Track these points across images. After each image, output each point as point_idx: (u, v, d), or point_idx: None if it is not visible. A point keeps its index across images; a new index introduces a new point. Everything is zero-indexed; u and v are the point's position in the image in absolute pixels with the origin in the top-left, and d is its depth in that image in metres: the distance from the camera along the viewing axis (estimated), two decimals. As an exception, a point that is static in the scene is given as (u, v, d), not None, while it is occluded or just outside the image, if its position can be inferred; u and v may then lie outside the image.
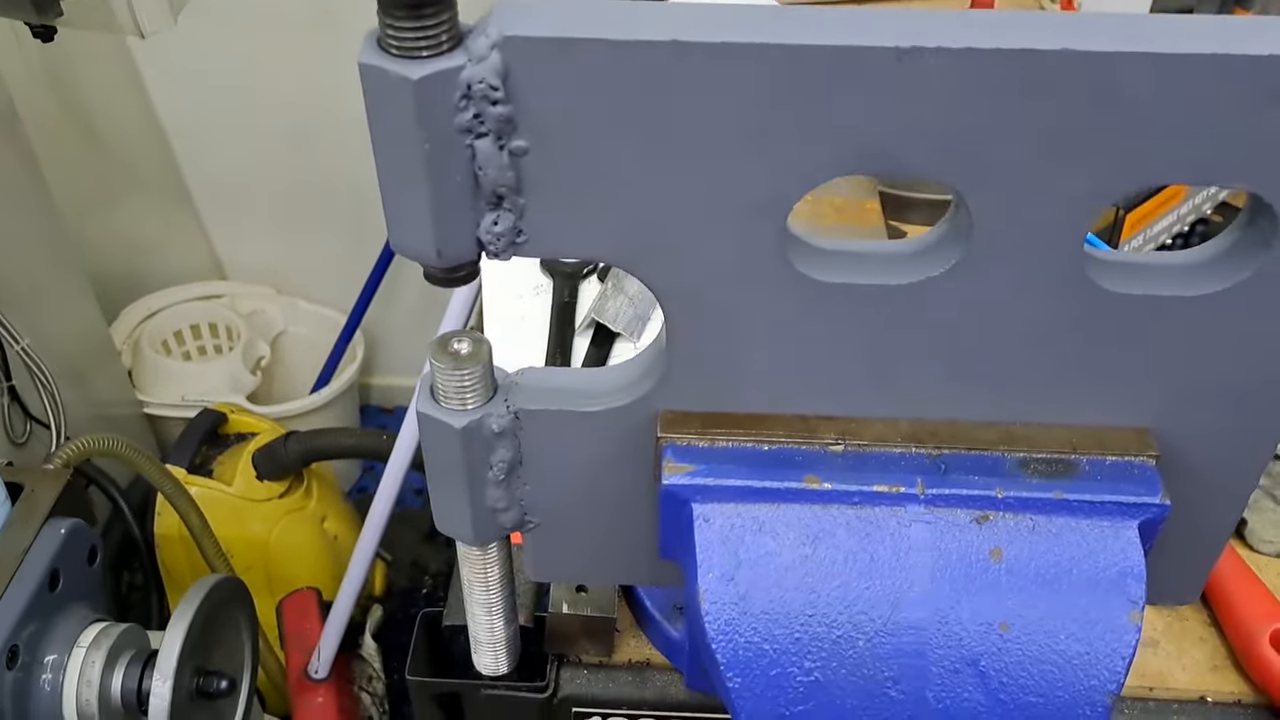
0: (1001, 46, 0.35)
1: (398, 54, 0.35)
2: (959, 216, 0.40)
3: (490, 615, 0.53)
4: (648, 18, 0.36)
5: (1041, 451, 0.45)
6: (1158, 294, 0.41)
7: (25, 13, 0.95)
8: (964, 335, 0.43)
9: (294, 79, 1.94)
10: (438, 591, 2.09)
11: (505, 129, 0.37)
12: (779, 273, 0.41)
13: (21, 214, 1.51)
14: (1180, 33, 0.35)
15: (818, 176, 0.38)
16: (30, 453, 1.46)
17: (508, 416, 0.46)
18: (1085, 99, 0.36)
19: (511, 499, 0.49)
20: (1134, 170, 0.38)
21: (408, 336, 2.35)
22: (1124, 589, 0.43)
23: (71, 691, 0.94)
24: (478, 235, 0.40)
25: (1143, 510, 0.44)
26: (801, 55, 0.35)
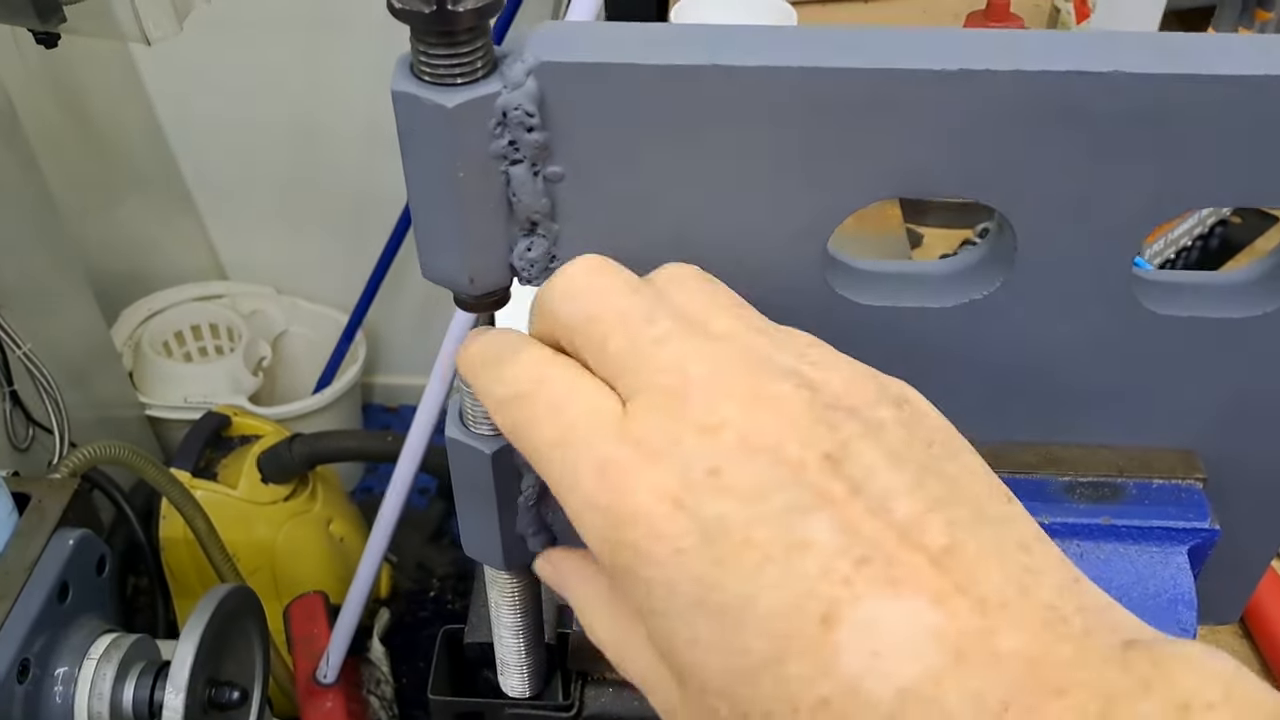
0: (1050, 69, 0.34)
1: (431, 81, 0.34)
2: (1002, 238, 0.39)
3: (518, 639, 0.52)
4: (685, 42, 0.35)
5: (1087, 475, 0.44)
6: (1205, 315, 0.40)
7: (28, 19, 0.93)
8: (1006, 357, 0.42)
9: (295, 79, 1.93)
10: (445, 594, 2.08)
11: (541, 155, 0.36)
12: (819, 296, 0.40)
13: (21, 216, 1.51)
14: (1227, 54, 0.34)
15: (860, 200, 0.37)
16: (33, 458, 1.45)
17: (537, 441, 0.45)
18: (1135, 120, 0.35)
19: (541, 524, 0.48)
20: (1183, 192, 0.37)
21: (410, 335, 2.35)
22: (1175, 616, 0.42)
23: (83, 704, 0.94)
24: (511, 261, 0.39)
25: (1192, 535, 0.43)
26: (844, 78, 0.34)
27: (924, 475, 0.29)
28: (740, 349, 0.32)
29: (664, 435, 0.30)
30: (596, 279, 0.35)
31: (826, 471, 0.29)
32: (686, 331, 0.32)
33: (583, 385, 0.33)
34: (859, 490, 0.29)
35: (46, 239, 1.58)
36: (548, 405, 0.33)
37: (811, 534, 0.28)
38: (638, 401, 0.31)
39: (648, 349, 0.32)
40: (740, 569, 0.28)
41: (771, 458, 0.29)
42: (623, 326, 0.33)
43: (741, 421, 0.30)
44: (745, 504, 0.28)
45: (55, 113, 1.91)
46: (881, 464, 0.29)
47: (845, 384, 0.31)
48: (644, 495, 0.30)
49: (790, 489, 0.29)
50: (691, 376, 0.31)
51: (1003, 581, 0.28)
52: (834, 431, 0.30)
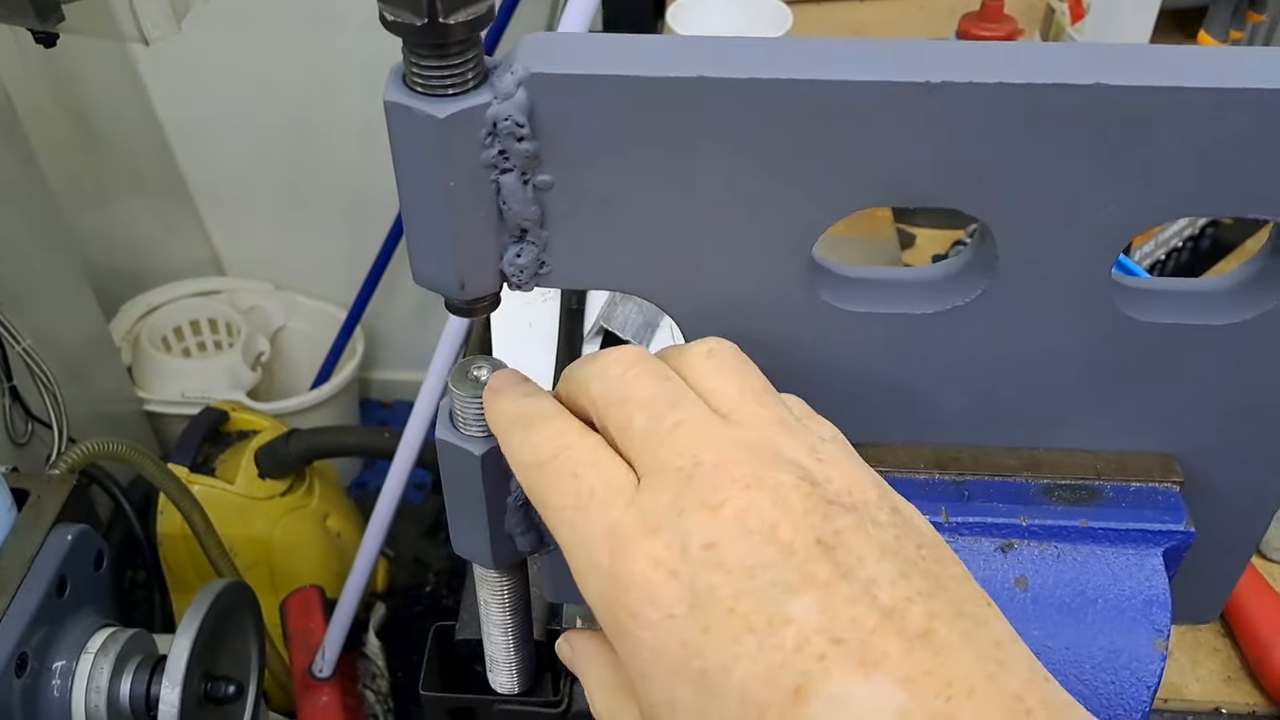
0: (1032, 81, 0.34)
1: (423, 92, 0.35)
2: (984, 246, 0.40)
3: (507, 636, 0.53)
4: (673, 53, 0.35)
5: (1066, 478, 0.45)
6: (1183, 322, 0.41)
7: (27, 19, 0.94)
8: (988, 362, 0.43)
9: (294, 77, 1.94)
10: (440, 589, 2.09)
11: (530, 164, 0.37)
12: (804, 302, 0.41)
13: (21, 212, 1.51)
14: (1208, 67, 0.35)
15: (844, 209, 0.38)
16: (32, 453, 1.46)
17: (527, 442, 0.45)
18: (1114, 132, 0.35)
19: (529, 524, 0.48)
20: (1161, 202, 0.37)
21: (408, 332, 2.35)
22: (1149, 618, 0.43)
23: (80, 698, 0.94)
24: (501, 267, 0.40)
25: (1167, 538, 0.44)
26: (827, 90, 0.35)
27: (910, 570, 0.31)
28: (754, 438, 0.34)
29: (668, 509, 0.32)
30: (631, 368, 0.37)
31: (816, 556, 0.31)
32: (705, 420, 0.34)
33: (602, 458, 0.35)
34: (846, 575, 0.30)
35: (46, 235, 1.58)
36: (569, 472, 0.35)
37: (793, 611, 0.30)
38: (650, 479, 0.33)
39: (667, 432, 0.34)
40: (722, 637, 0.30)
41: (765, 538, 0.31)
42: (647, 410, 0.35)
43: (741, 502, 0.31)
44: (735, 578, 0.30)
45: (54, 109, 1.91)
46: (871, 555, 0.31)
47: (848, 482, 0.33)
48: (643, 562, 0.31)
49: (779, 568, 0.30)
50: (702, 460, 0.33)
51: (973, 669, 0.29)
52: (828, 521, 0.31)
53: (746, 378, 0.37)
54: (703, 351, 0.37)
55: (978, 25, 1.02)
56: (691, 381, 0.37)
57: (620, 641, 0.32)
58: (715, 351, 0.37)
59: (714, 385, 0.36)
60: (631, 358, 0.37)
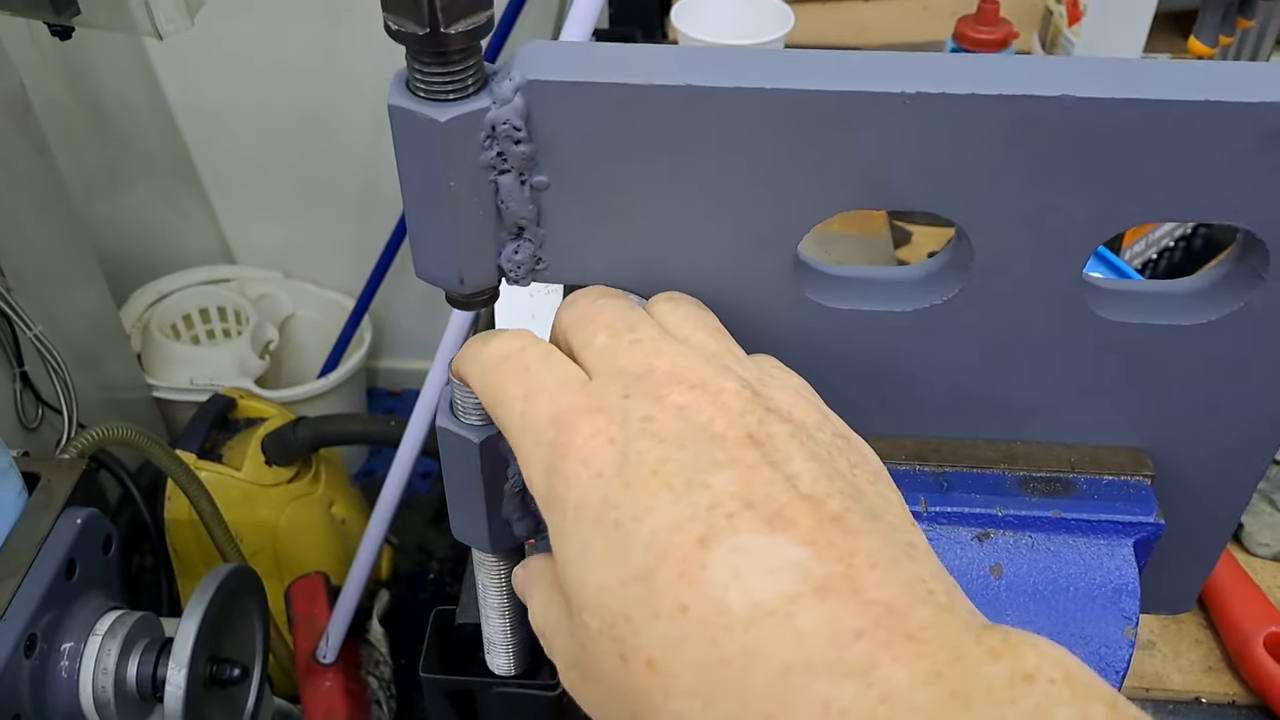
0: (1003, 93, 0.36)
1: (425, 97, 0.36)
2: (960, 248, 0.42)
3: (504, 619, 0.55)
4: (663, 62, 0.37)
5: (1041, 470, 0.47)
6: (1153, 322, 0.43)
7: (44, 13, 0.96)
8: (966, 358, 0.45)
9: (304, 65, 1.95)
10: (444, 576, 2.11)
11: (527, 166, 0.39)
12: (789, 299, 0.43)
13: (33, 200, 1.52)
14: (1173, 80, 0.37)
15: (825, 211, 0.40)
16: (42, 437, 1.47)
17: (524, 431, 0.47)
18: (1082, 142, 0.37)
19: (526, 509, 0.50)
20: (1130, 208, 0.39)
21: (415, 321, 2.36)
22: (1119, 605, 0.45)
23: (88, 679, 0.96)
24: (499, 263, 0.42)
25: (1138, 529, 0.45)
26: (808, 100, 0.37)
27: (836, 476, 0.33)
28: (705, 355, 0.36)
29: (616, 394, 0.34)
30: (599, 297, 0.40)
31: (745, 444, 0.33)
32: (663, 339, 0.37)
33: (555, 357, 0.38)
34: (771, 464, 0.32)
35: (58, 222, 1.60)
36: (522, 366, 0.37)
37: (713, 480, 0.32)
38: (606, 374, 0.36)
39: (625, 347, 0.37)
40: (641, 492, 0.32)
41: (699, 425, 0.33)
42: (608, 329, 0.38)
43: (683, 399, 0.34)
44: (666, 446, 0.32)
45: (67, 98, 1.93)
46: (800, 456, 0.33)
47: (791, 402, 0.35)
48: (585, 432, 0.34)
49: (708, 446, 0.32)
50: (654, 366, 0.35)
51: (879, 550, 0.30)
52: (763, 425, 0.33)
53: (704, 318, 0.39)
54: (665, 297, 0.41)
55: (974, 28, 1.04)
56: (654, 318, 0.39)
57: (550, 512, 0.34)
58: (675, 297, 0.41)
59: (673, 321, 0.39)
60: (600, 290, 0.40)
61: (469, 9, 0.35)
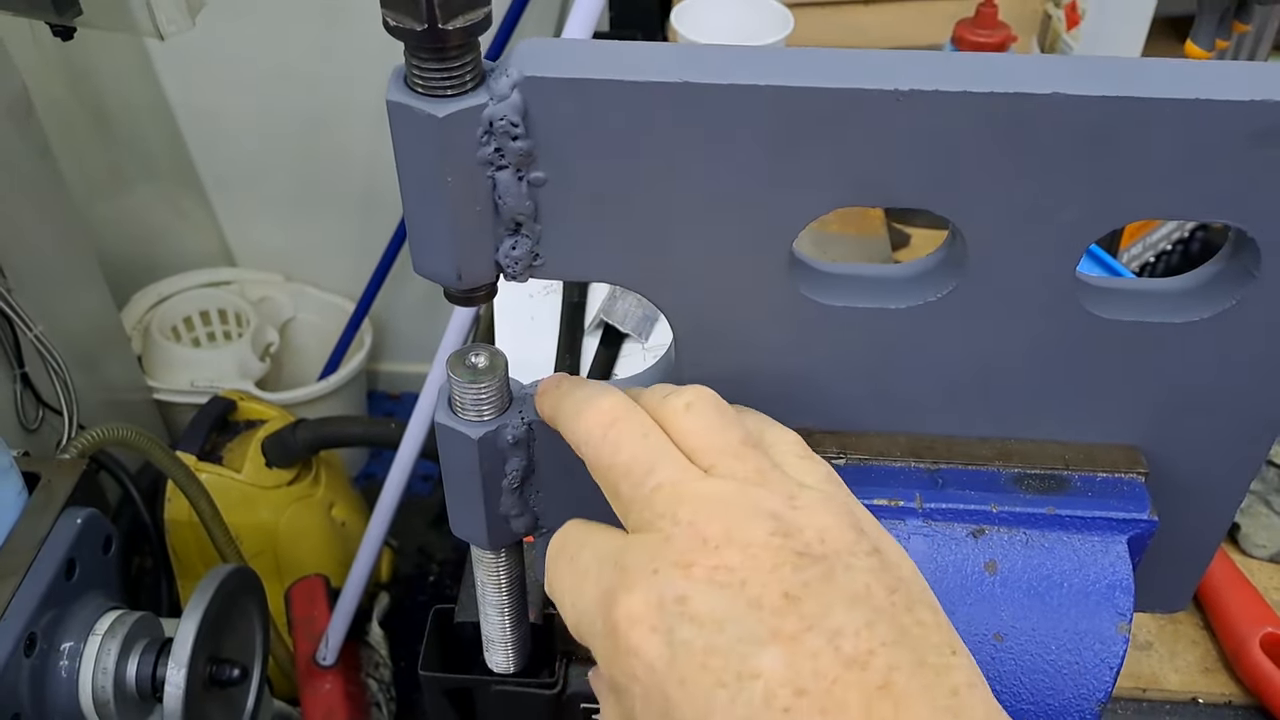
0: (995, 90, 0.36)
1: (424, 93, 0.37)
2: (955, 245, 0.42)
3: (502, 616, 0.55)
4: (659, 59, 0.38)
5: (1035, 467, 0.47)
6: (1146, 320, 0.43)
7: (46, 13, 0.96)
8: (960, 356, 0.45)
9: (305, 67, 1.95)
10: (444, 579, 2.11)
11: (524, 162, 0.39)
12: (784, 295, 0.43)
13: (35, 201, 1.53)
14: (1163, 78, 0.37)
15: (820, 208, 0.40)
16: (42, 439, 1.47)
17: (522, 428, 0.47)
18: (1074, 140, 0.37)
19: (524, 506, 0.51)
20: (1122, 206, 0.39)
21: (415, 324, 2.37)
22: (1113, 602, 0.45)
23: (88, 678, 0.96)
24: (496, 259, 0.42)
25: (1131, 526, 0.46)
26: (804, 97, 0.37)
27: (878, 618, 0.33)
28: (730, 494, 0.36)
29: (645, 568, 0.35)
30: (612, 428, 0.40)
31: (783, 609, 0.33)
32: (683, 479, 0.37)
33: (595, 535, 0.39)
34: (812, 627, 0.33)
35: (59, 224, 1.60)
36: (568, 557, 0.40)
37: (761, 664, 0.32)
38: (634, 538, 0.37)
39: (646, 498, 0.37)
40: (697, 691, 0.33)
41: (734, 592, 0.34)
42: (629, 478, 0.38)
43: (711, 561, 0.34)
44: (707, 631, 0.33)
45: (69, 100, 1.93)
46: (839, 604, 0.33)
47: (822, 531, 0.36)
48: (625, 620, 0.35)
49: (747, 621, 0.33)
50: (679, 520, 0.36)
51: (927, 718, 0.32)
52: (797, 573, 0.34)
53: (725, 432, 0.39)
54: (681, 405, 0.40)
55: (972, 31, 1.04)
56: (673, 435, 0.39)
57: (621, 696, 0.36)
58: (694, 405, 0.40)
59: (694, 443, 0.39)
60: (610, 415, 0.40)
61: (467, 5, 0.35)
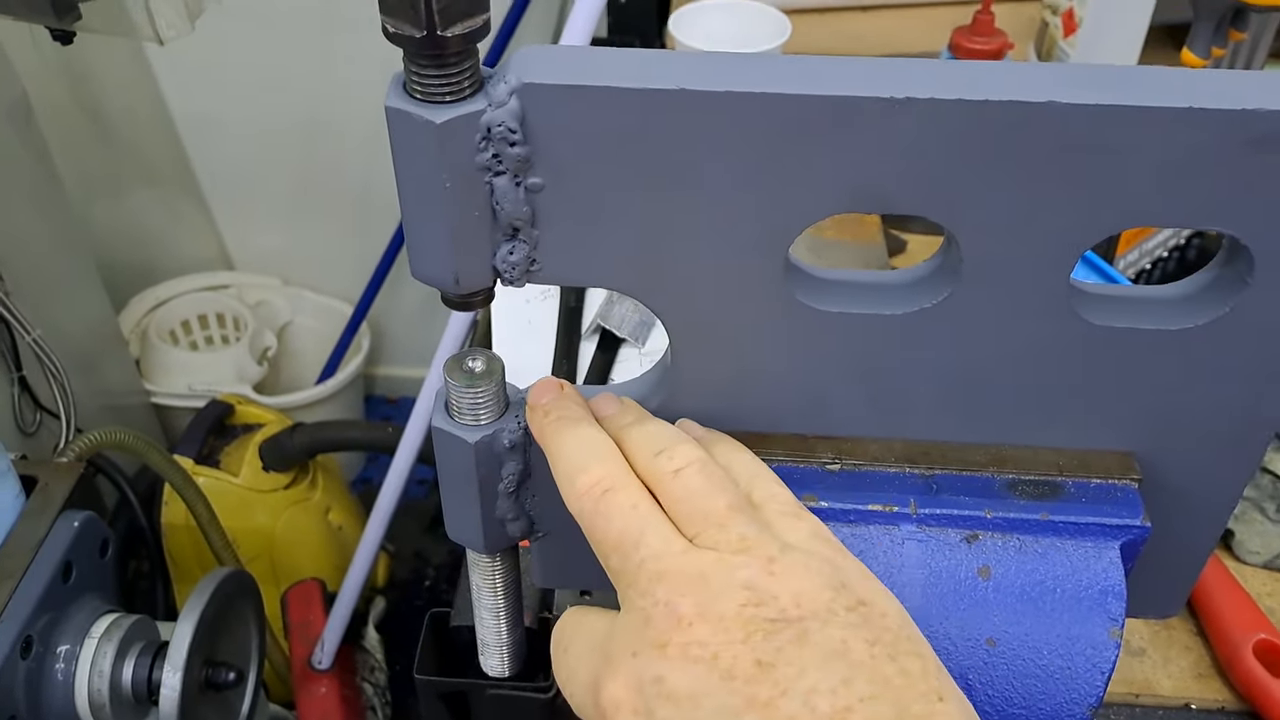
0: (990, 98, 0.37)
1: (422, 99, 0.37)
2: (950, 252, 0.42)
3: (498, 619, 0.55)
4: (656, 66, 0.38)
5: (1029, 474, 0.47)
6: (1140, 327, 0.43)
7: (46, 17, 0.96)
8: (955, 362, 0.45)
9: (304, 72, 1.96)
10: (440, 583, 2.11)
11: (522, 168, 0.39)
12: (779, 301, 0.43)
13: (34, 205, 1.53)
14: (1158, 86, 0.37)
15: (815, 214, 0.40)
16: (39, 442, 1.48)
17: (519, 432, 0.48)
18: (1069, 147, 0.38)
19: (520, 510, 0.51)
20: (1116, 213, 0.40)
21: (413, 328, 2.37)
22: (1105, 607, 0.45)
23: (84, 681, 0.96)
24: (494, 264, 0.42)
25: (1124, 532, 0.46)
26: (799, 104, 0.37)
27: (854, 674, 0.34)
28: (708, 567, 0.37)
29: (625, 651, 0.37)
30: (603, 499, 0.41)
31: (756, 677, 0.34)
32: (666, 553, 0.38)
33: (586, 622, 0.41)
34: (786, 692, 0.34)
35: (58, 228, 1.60)
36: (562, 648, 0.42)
37: None
38: (618, 622, 0.39)
39: (633, 572, 0.38)
40: None
41: (707, 667, 0.35)
42: (618, 552, 0.39)
43: (684, 638, 0.35)
44: (684, 709, 0.34)
45: (68, 104, 1.94)
46: (813, 663, 0.34)
47: (797, 595, 0.36)
48: (609, 705, 0.36)
49: (720, 694, 0.34)
50: (658, 600, 0.37)
51: None
52: (769, 640, 0.35)
53: (711, 499, 0.40)
54: (670, 471, 0.41)
55: (968, 38, 1.05)
56: (661, 499, 0.41)
57: None
58: (682, 472, 0.41)
59: (680, 510, 0.40)
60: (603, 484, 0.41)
61: (466, 12, 0.35)
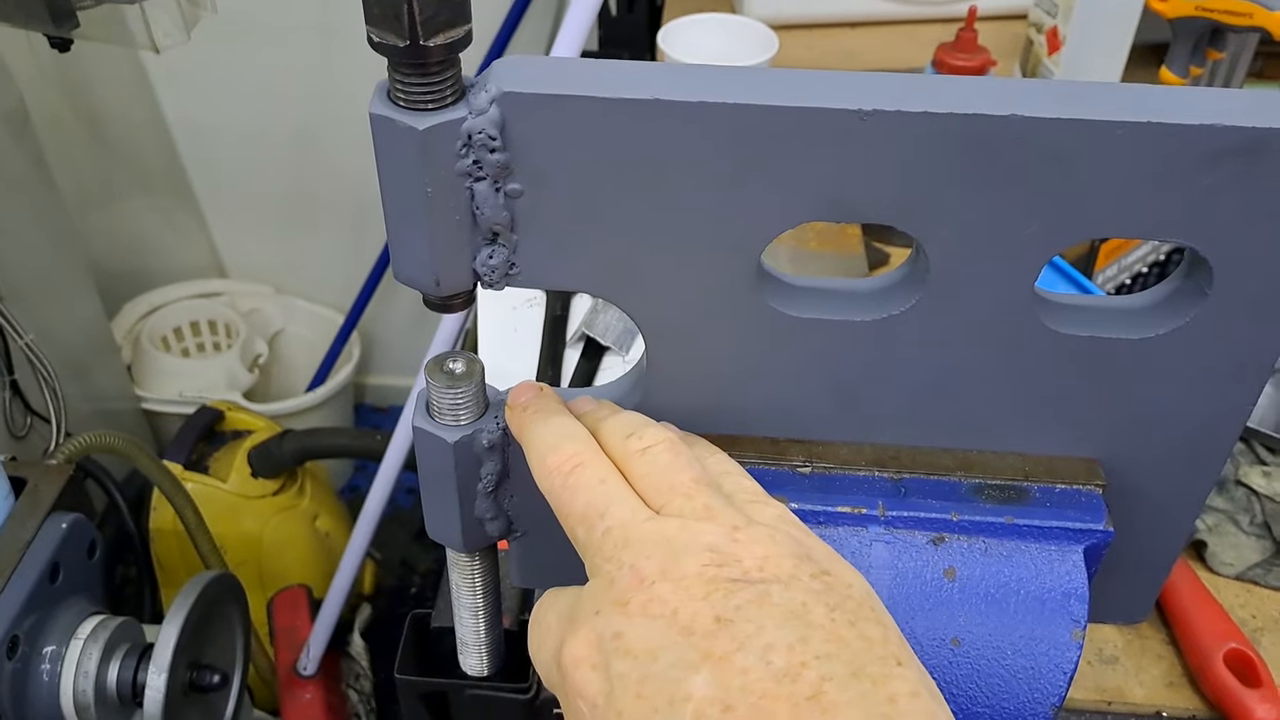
0: (954, 111, 0.38)
1: (405, 106, 0.38)
2: (918, 260, 0.44)
3: (477, 619, 0.56)
4: (632, 77, 0.39)
5: (996, 478, 0.48)
6: (1102, 335, 0.45)
7: (44, 25, 0.98)
8: (924, 368, 0.46)
9: (298, 81, 1.97)
10: (426, 591, 2.11)
11: (502, 174, 0.40)
12: (752, 307, 0.45)
13: (28, 211, 1.54)
14: (1118, 101, 0.38)
15: (786, 223, 0.42)
16: (29, 446, 1.48)
17: (497, 433, 0.49)
18: (1031, 159, 0.39)
19: (499, 509, 0.52)
20: (1078, 224, 0.41)
21: (404, 337, 2.38)
22: (1068, 609, 0.46)
23: (69, 682, 0.97)
24: (474, 267, 0.43)
25: (1087, 536, 0.47)
26: (769, 114, 0.39)
27: (811, 633, 0.35)
28: (673, 532, 0.38)
29: (589, 610, 0.38)
30: (571, 475, 0.42)
31: (714, 632, 0.35)
32: (632, 521, 0.39)
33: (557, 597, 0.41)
34: (742, 646, 0.34)
35: (52, 233, 1.61)
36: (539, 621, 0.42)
37: (692, 687, 0.34)
38: (585, 588, 0.39)
39: (598, 541, 0.39)
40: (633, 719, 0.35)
41: (666, 622, 0.36)
42: (584, 523, 0.40)
43: (645, 596, 0.36)
44: (641, 662, 0.35)
45: (64, 111, 1.95)
46: (771, 622, 0.35)
47: (760, 560, 0.37)
48: (570, 660, 0.37)
49: (679, 648, 0.35)
50: (623, 563, 0.38)
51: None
52: (729, 598, 0.36)
53: (679, 472, 0.41)
54: (639, 449, 0.42)
55: (952, 55, 1.06)
56: (629, 477, 0.42)
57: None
58: (651, 449, 0.42)
59: (647, 484, 0.41)
60: (572, 460, 0.42)
61: (448, 23, 0.37)
